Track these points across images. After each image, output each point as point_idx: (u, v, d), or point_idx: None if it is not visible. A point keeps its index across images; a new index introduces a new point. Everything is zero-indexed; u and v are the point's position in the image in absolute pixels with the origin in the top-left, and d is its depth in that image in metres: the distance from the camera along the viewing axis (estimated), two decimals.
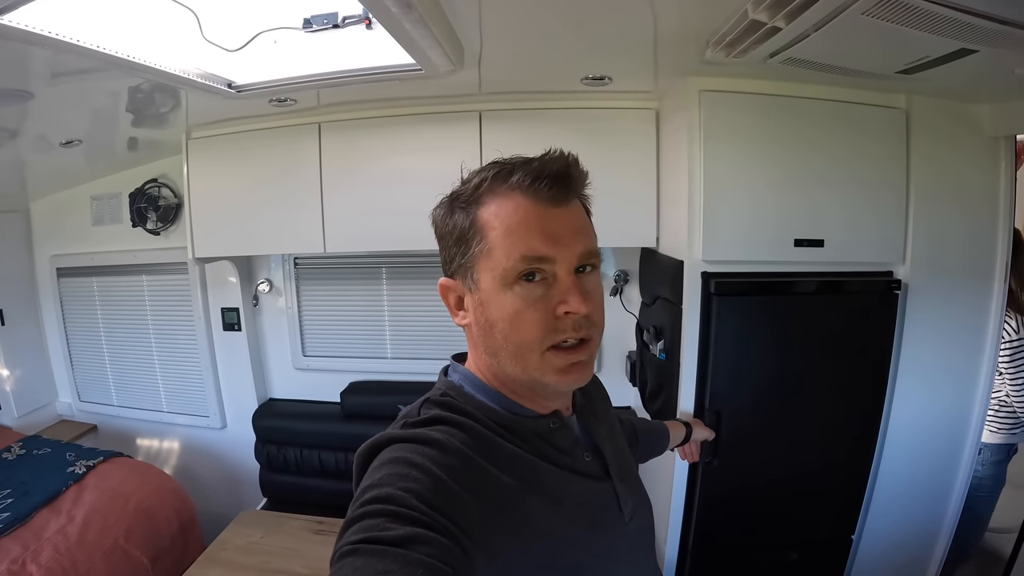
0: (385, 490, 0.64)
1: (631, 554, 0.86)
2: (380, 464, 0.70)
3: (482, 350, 0.80)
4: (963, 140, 1.98)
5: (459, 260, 0.78)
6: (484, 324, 0.77)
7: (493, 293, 0.75)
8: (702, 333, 1.91)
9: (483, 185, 0.77)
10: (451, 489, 0.66)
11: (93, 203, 3.12)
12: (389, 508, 0.62)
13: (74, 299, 3.28)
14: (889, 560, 2.21)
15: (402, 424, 0.78)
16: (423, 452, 0.70)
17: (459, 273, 0.79)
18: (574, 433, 0.86)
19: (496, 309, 0.75)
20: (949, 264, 2.01)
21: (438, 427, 0.75)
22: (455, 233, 0.78)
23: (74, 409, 3.42)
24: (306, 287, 2.99)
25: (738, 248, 1.90)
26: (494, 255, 0.74)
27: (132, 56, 1.58)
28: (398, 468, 0.67)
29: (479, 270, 0.76)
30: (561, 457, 0.81)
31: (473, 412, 0.78)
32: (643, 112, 2.21)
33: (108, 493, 2.50)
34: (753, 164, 1.87)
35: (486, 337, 0.78)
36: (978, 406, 2.11)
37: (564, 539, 0.75)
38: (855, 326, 1.97)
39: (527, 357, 0.75)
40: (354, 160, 2.37)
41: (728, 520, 2.07)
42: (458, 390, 0.82)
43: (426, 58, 1.65)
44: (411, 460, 0.68)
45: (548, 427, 0.82)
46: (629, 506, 0.86)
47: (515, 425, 0.79)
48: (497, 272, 0.74)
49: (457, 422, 0.76)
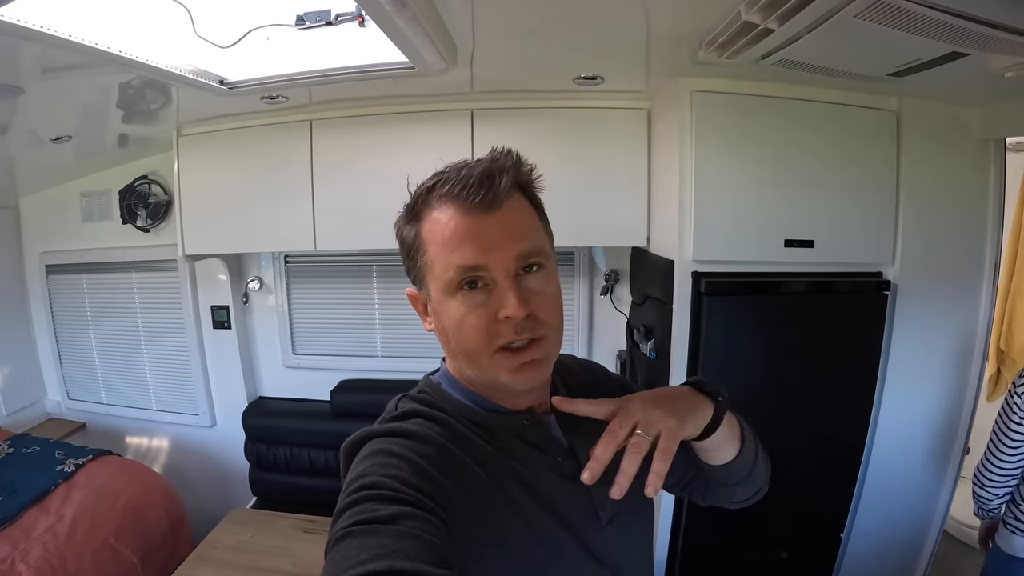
0: (370, 478, 0.68)
1: (610, 558, 0.83)
2: (362, 457, 0.73)
3: (447, 353, 0.84)
4: (953, 142, 2.00)
5: (413, 272, 0.81)
6: (440, 330, 0.80)
7: (440, 302, 0.77)
8: (692, 332, 1.92)
9: (419, 199, 0.78)
10: (430, 473, 0.70)
11: (83, 200, 3.09)
12: (376, 492, 0.65)
13: (63, 296, 3.26)
14: (878, 558, 2.22)
15: (380, 420, 0.81)
16: (400, 443, 0.73)
17: (417, 283, 0.82)
18: (548, 431, 0.85)
19: (445, 317, 0.77)
20: (938, 266, 2.03)
21: (413, 420, 0.78)
22: (405, 246, 0.81)
23: (63, 407, 3.40)
24: (296, 285, 2.98)
25: (728, 248, 1.90)
26: (435, 268, 0.76)
27: (124, 52, 1.57)
28: (380, 459, 0.71)
29: (428, 281, 0.78)
30: (533, 454, 0.82)
31: (446, 408, 0.81)
32: (634, 112, 2.21)
33: (97, 492, 2.49)
34: (744, 164, 1.88)
35: (445, 342, 0.81)
36: (966, 407, 2.13)
37: (535, 536, 0.76)
38: (844, 326, 1.99)
39: (478, 360, 0.77)
40: (345, 158, 2.37)
41: (718, 519, 2.05)
42: (435, 388, 0.85)
43: (419, 56, 1.65)
44: (391, 451, 0.72)
45: (520, 424, 0.83)
46: (607, 510, 0.83)
47: (487, 421, 0.81)
48: (440, 283, 0.76)
49: (430, 415, 0.79)
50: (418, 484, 0.67)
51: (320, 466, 2.84)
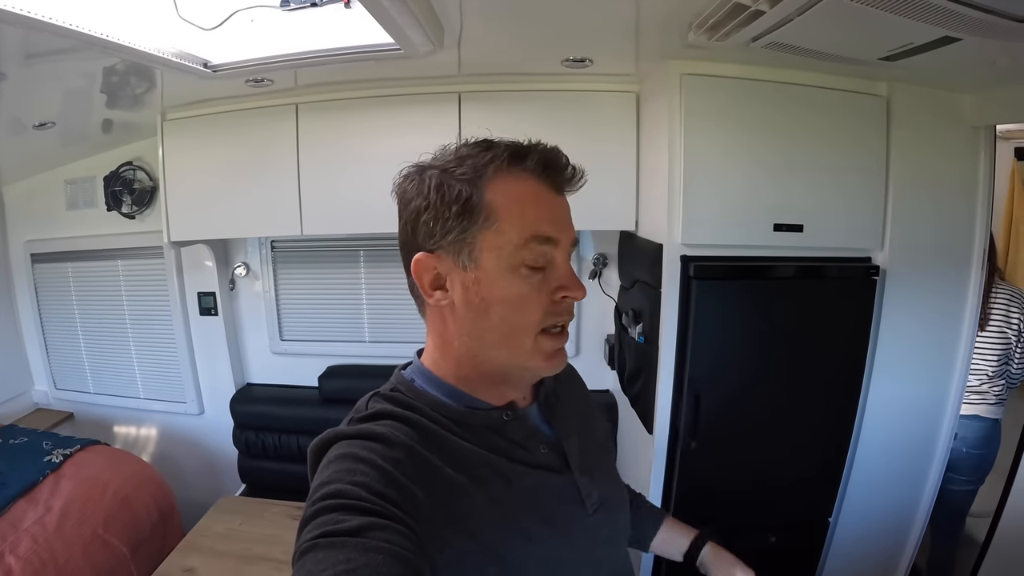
0: (335, 486, 0.65)
1: (596, 549, 0.84)
2: (328, 462, 0.71)
3: (463, 332, 0.77)
4: (944, 128, 2.00)
5: (455, 235, 0.74)
6: (478, 305, 0.75)
7: (496, 273, 0.74)
8: (681, 316, 1.92)
9: (494, 162, 0.75)
10: (398, 480, 0.67)
11: (67, 187, 3.05)
12: (341, 502, 0.63)
13: (49, 285, 3.22)
14: (866, 542, 2.25)
15: (349, 420, 0.79)
16: (368, 447, 0.70)
17: (449, 249, 0.75)
18: (529, 425, 0.85)
19: (497, 290, 0.74)
20: (927, 251, 2.03)
21: (383, 422, 0.75)
22: (454, 206, 0.73)
23: (50, 397, 3.37)
24: (283, 270, 2.95)
25: (717, 232, 1.89)
26: (504, 234, 0.73)
27: (106, 35, 1.54)
28: (345, 464, 0.68)
29: (481, 248, 0.73)
30: (513, 449, 0.80)
31: (420, 407, 0.78)
32: (624, 95, 2.20)
33: (86, 482, 2.46)
34: (733, 148, 1.87)
35: (477, 318, 0.76)
36: (954, 391, 2.14)
37: (514, 531, 0.75)
38: (833, 311, 1.99)
39: (521, 340, 0.75)
40: (332, 142, 2.34)
41: (707, 503, 2.08)
42: (408, 384, 0.82)
43: (405, 37, 1.63)
44: (357, 455, 0.69)
45: (500, 419, 0.82)
46: (593, 498, 0.84)
47: (464, 418, 0.79)
48: (504, 251, 0.73)
49: (402, 416, 0.76)
50: (385, 492, 0.65)
51: None
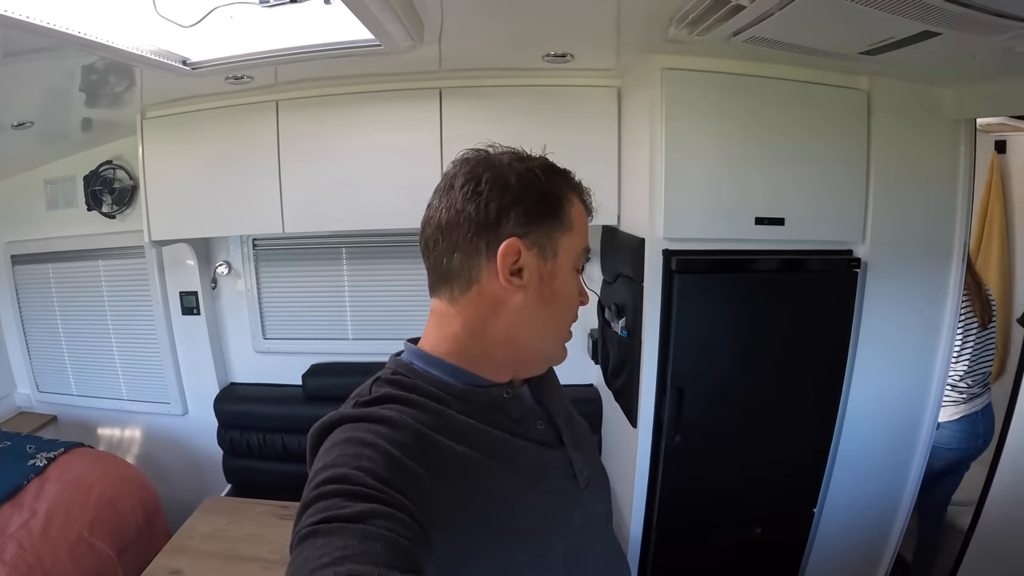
0: (339, 470, 0.64)
1: (589, 525, 0.87)
2: (332, 445, 0.70)
3: (521, 320, 0.81)
4: (924, 122, 2.01)
5: (543, 230, 0.80)
6: (549, 296, 0.82)
7: (567, 275, 0.83)
8: (663, 310, 1.93)
9: (571, 182, 0.86)
10: (404, 465, 0.67)
11: (47, 187, 3.00)
12: (344, 487, 0.62)
13: (30, 287, 3.17)
14: (850, 533, 2.27)
15: (353, 403, 0.78)
16: (374, 430, 0.70)
17: (536, 239, 0.80)
18: (527, 402, 0.89)
19: (564, 285, 0.83)
20: (908, 244, 2.05)
21: (388, 405, 0.75)
22: (549, 199, 0.81)
23: (33, 400, 3.32)
24: (265, 269, 2.93)
25: (699, 226, 1.90)
26: (575, 240, 0.83)
27: (84, 33, 1.51)
28: (350, 448, 0.68)
29: (559, 247, 0.81)
30: (514, 426, 0.83)
31: (424, 387, 0.79)
32: (605, 90, 2.20)
33: (70, 485, 2.43)
34: (715, 142, 1.88)
35: (543, 308, 0.82)
36: (936, 382, 2.17)
37: (519, 505, 0.76)
38: (815, 304, 2.01)
39: (565, 331, 0.88)
40: (313, 139, 2.32)
41: (692, 496, 2.10)
42: (408, 367, 0.83)
43: (385, 33, 1.62)
44: (363, 439, 0.68)
45: (502, 396, 0.84)
46: (584, 474, 0.88)
47: (468, 395, 0.81)
48: (572, 255, 0.83)
49: (407, 399, 0.77)
50: (390, 478, 0.64)
51: (293, 451, 2.81)
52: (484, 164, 0.81)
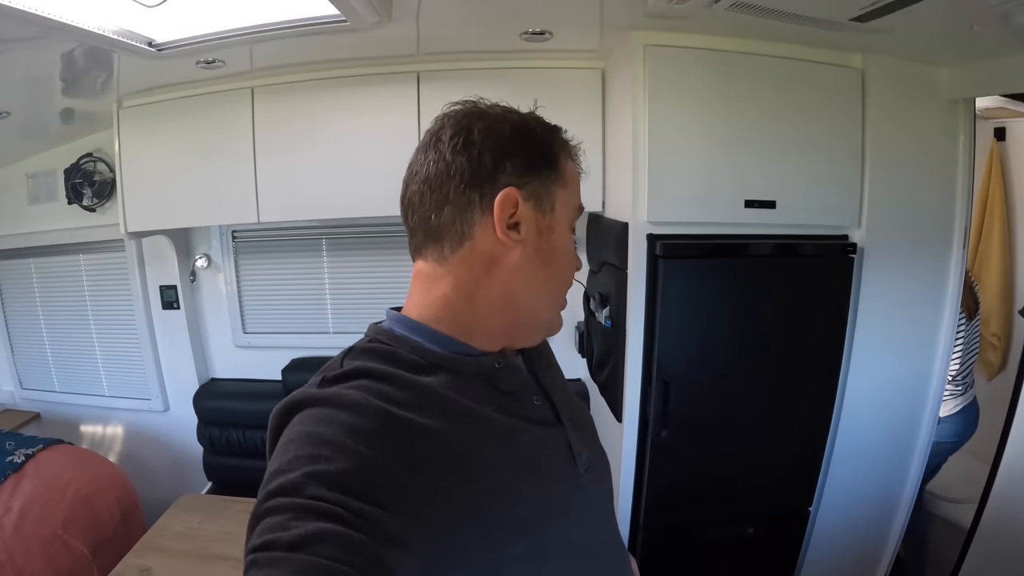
0: (291, 476, 0.55)
1: (589, 512, 0.78)
2: (288, 440, 0.60)
3: (516, 279, 0.74)
4: (921, 102, 1.93)
5: (541, 180, 0.74)
6: (546, 253, 0.75)
7: (563, 227, 0.77)
8: (648, 298, 1.84)
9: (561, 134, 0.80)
10: (369, 463, 0.58)
11: (29, 181, 2.96)
12: (294, 501, 0.53)
13: (12, 283, 3.14)
14: (847, 532, 2.17)
15: (320, 379, 0.68)
16: (336, 420, 0.61)
17: (533, 191, 0.74)
18: (521, 375, 0.80)
19: (562, 243, 0.77)
20: (907, 228, 1.96)
21: (358, 382, 0.66)
22: (545, 152, 0.76)
23: (16, 397, 3.28)
24: (245, 261, 2.87)
25: (685, 209, 1.82)
26: (570, 195, 0.77)
27: (43, 11, 1.46)
28: (307, 448, 0.58)
29: (555, 200, 0.76)
30: (507, 402, 0.74)
31: (404, 356, 0.70)
32: (588, 72, 2.12)
33: (47, 482, 2.38)
34: (701, 122, 1.80)
35: (540, 266, 0.75)
36: (937, 374, 2.07)
37: (512, 495, 0.67)
38: (809, 291, 1.92)
39: (561, 294, 0.80)
40: (288, 126, 2.26)
41: (680, 494, 2.01)
42: (388, 333, 0.74)
43: (350, 8, 1.56)
44: (321, 436, 0.59)
45: (493, 367, 0.75)
46: (584, 457, 0.79)
47: (456, 365, 0.72)
48: (568, 210, 0.77)
49: (381, 373, 0.67)
50: (348, 484, 0.55)
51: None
52: (475, 115, 0.76)
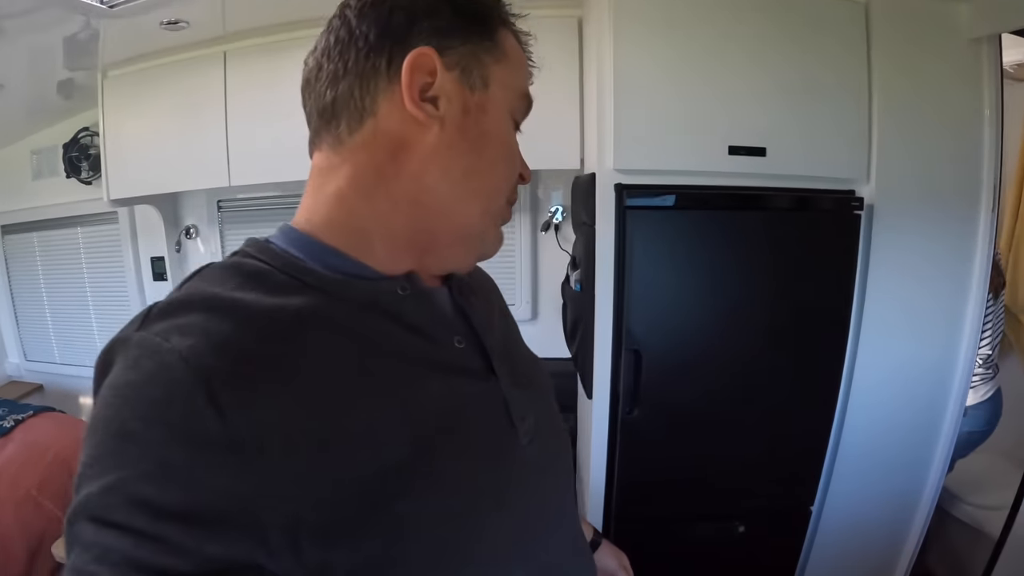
0: (95, 498, 0.41)
1: (534, 488, 0.61)
2: (95, 420, 0.44)
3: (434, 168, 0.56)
4: (937, 42, 1.68)
5: (470, 47, 0.57)
6: (475, 137, 0.57)
7: (501, 110, 0.59)
8: (617, 256, 1.63)
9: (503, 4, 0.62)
10: (190, 464, 0.42)
11: (33, 157, 3.03)
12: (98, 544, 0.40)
13: (18, 256, 3.22)
14: (857, 534, 1.90)
15: (145, 313, 0.49)
16: (146, 395, 0.43)
17: (459, 58, 0.56)
18: (439, 308, 0.61)
19: (499, 129, 0.59)
20: (924, 183, 1.71)
21: (190, 317, 0.47)
22: (478, 14, 0.58)
23: (22, 369, 3.36)
24: (230, 230, 2.84)
25: (659, 156, 1.61)
26: (511, 75, 0.60)
27: None
28: (110, 443, 0.43)
29: (490, 76, 0.58)
30: (410, 340, 0.56)
31: (272, 276, 0.53)
32: (565, 20, 1.97)
33: (29, 445, 2.42)
34: (678, 58, 1.59)
35: (467, 152, 0.57)
36: (964, 356, 1.79)
37: (411, 470, 0.49)
38: (808, 252, 1.68)
39: (498, 197, 0.61)
40: (259, 88, 2.20)
41: (655, 484, 1.79)
42: (260, 246, 0.57)
43: None
44: (126, 428, 0.42)
45: (393, 293, 0.56)
46: (527, 422, 0.61)
47: (339, 290, 0.54)
48: (509, 93, 0.60)
49: (227, 303, 0.49)
50: (164, 499, 0.40)
51: None
52: None
